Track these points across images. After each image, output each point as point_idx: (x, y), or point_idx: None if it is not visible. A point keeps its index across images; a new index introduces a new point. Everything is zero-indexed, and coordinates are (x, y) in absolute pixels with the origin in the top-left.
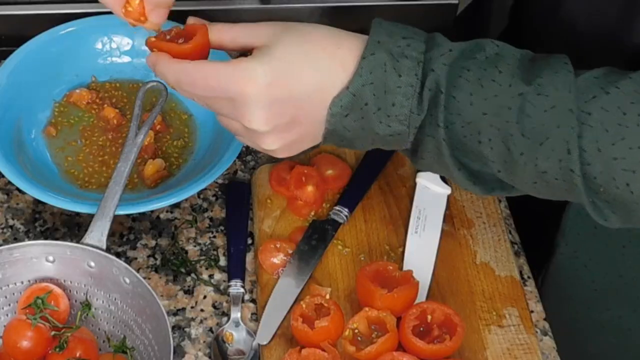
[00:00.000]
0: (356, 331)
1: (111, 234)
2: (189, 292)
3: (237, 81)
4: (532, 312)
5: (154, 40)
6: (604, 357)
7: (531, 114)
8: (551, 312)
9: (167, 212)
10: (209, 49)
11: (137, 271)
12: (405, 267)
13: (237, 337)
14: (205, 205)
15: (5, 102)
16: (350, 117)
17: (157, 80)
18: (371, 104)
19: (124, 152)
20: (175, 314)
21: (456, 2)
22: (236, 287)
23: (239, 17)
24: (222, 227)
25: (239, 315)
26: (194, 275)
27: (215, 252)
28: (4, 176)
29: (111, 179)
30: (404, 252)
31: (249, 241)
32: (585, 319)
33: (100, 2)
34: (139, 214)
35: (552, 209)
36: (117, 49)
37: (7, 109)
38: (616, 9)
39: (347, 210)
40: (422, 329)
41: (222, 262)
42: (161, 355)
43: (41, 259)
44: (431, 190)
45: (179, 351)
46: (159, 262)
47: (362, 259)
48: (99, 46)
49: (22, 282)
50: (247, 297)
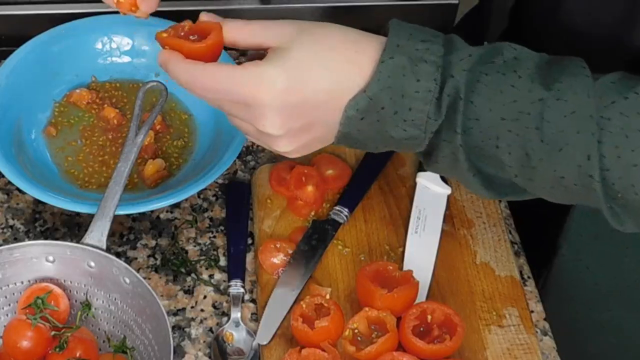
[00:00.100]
0: (356, 331)
1: (111, 234)
2: (189, 292)
3: (253, 87)
4: (532, 312)
5: (166, 36)
6: (604, 357)
7: (551, 119)
8: (552, 312)
9: (167, 212)
10: (222, 48)
11: (137, 271)
12: (405, 267)
13: (237, 337)
14: (205, 205)
15: (5, 102)
16: (365, 120)
17: (157, 80)
18: (388, 108)
19: (124, 152)
20: (175, 314)
21: (456, 2)
22: (236, 287)
23: (238, 18)
24: (222, 227)
25: (239, 315)
26: (194, 275)
27: (215, 252)
28: (4, 176)
29: (111, 179)
30: (404, 252)
31: (249, 241)
32: (585, 319)
33: None
34: (139, 214)
35: (556, 212)
36: (117, 49)
37: (7, 109)
38: (617, 10)
39: (347, 210)
40: (422, 329)
41: (222, 262)
42: (161, 355)
43: (41, 259)
44: (431, 190)
45: (179, 351)
46: (159, 262)
47: (362, 259)
48: (99, 46)
49: (22, 282)
50: (247, 297)
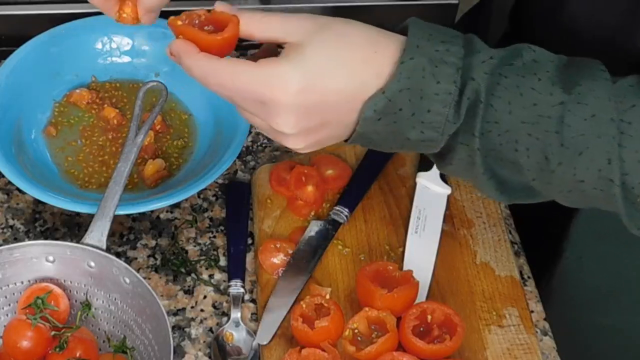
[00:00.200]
0: (356, 331)
1: (111, 234)
2: (189, 292)
3: (270, 86)
4: (532, 312)
5: (181, 24)
6: (604, 357)
7: (571, 123)
8: (552, 313)
9: (167, 212)
10: (237, 41)
11: (137, 271)
12: (405, 267)
13: (237, 337)
14: (205, 205)
15: (5, 102)
16: (382, 121)
17: (157, 80)
18: (406, 110)
19: (124, 152)
20: (175, 314)
21: (456, 2)
22: (236, 287)
23: None
24: (222, 227)
25: (239, 315)
26: (194, 275)
27: (215, 252)
28: (4, 176)
29: (111, 179)
30: (404, 252)
31: (249, 241)
32: (585, 320)
33: (91, 3)
34: (139, 214)
35: (560, 215)
36: (117, 49)
37: (7, 109)
38: (619, 12)
39: (347, 210)
40: (422, 329)
41: (222, 262)
42: (161, 355)
43: (41, 259)
44: (431, 190)
45: (179, 351)
46: (159, 262)
47: (362, 259)
48: (99, 46)
49: (22, 282)
50: (247, 297)
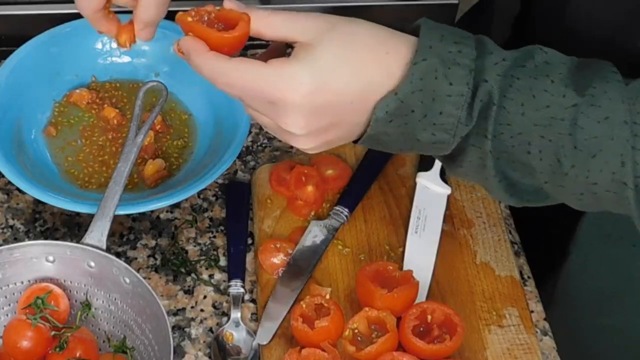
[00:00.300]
0: (356, 331)
1: (111, 234)
2: (189, 292)
3: (280, 87)
4: (532, 312)
5: (191, 21)
6: (604, 357)
7: (584, 125)
8: (554, 314)
9: (167, 212)
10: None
11: (137, 271)
12: (405, 267)
13: (237, 337)
14: (205, 205)
15: (5, 102)
16: (394, 122)
17: (157, 80)
18: (417, 111)
19: (124, 152)
20: (175, 314)
21: (456, 2)
22: (236, 287)
23: None
24: (222, 227)
25: (239, 315)
26: (194, 275)
27: (215, 252)
28: (4, 176)
29: (111, 179)
30: (404, 252)
31: (249, 241)
32: (587, 321)
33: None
34: (139, 214)
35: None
36: (117, 49)
37: (7, 109)
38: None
39: (347, 210)
40: (422, 329)
41: (222, 262)
42: (161, 355)
43: (41, 259)
44: (431, 190)
45: (179, 351)
46: (159, 262)
47: (362, 259)
48: (99, 46)
49: (22, 282)
50: (247, 297)
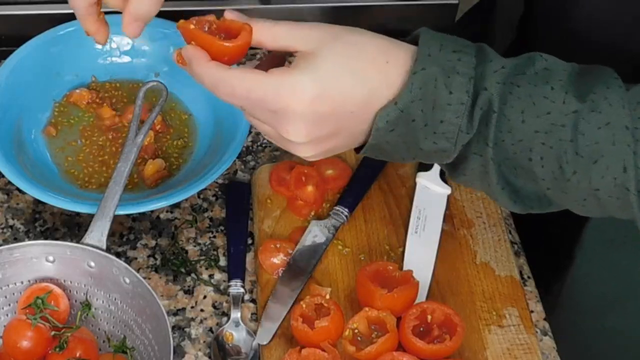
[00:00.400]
0: (356, 331)
1: (111, 234)
2: (189, 292)
3: (281, 96)
4: (532, 312)
5: (194, 29)
6: (604, 357)
7: (585, 131)
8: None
9: (167, 212)
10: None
11: (137, 271)
12: (405, 267)
13: (237, 337)
14: (205, 205)
15: (5, 102)
16: (395, 132)
17: (157, 80)
18: (418, 120)
19: (124, 152)
20: (175, 314)
21: (456, 2)
22: (236, 287)
23: None
24: (222, 227)
25: (239, 315)
26: (194, 275)
27: (215, 252)
28: (4, 176)
29: (111, 179)
30: (404, 252)
31: (249, 241)
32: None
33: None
34: (139, 214)
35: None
36: (117, 49)
37: (7, 109)
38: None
39: (347, 210)
40: (422, 329)
41: (222, 262)
42: (161, 355)
43: (41, 259)
44: (431, 190)
45: (179, 351)
46: (159, 262)
47: (362, 259)
48: (99, 46)
49: (22, 282)
50: (247, 297)
